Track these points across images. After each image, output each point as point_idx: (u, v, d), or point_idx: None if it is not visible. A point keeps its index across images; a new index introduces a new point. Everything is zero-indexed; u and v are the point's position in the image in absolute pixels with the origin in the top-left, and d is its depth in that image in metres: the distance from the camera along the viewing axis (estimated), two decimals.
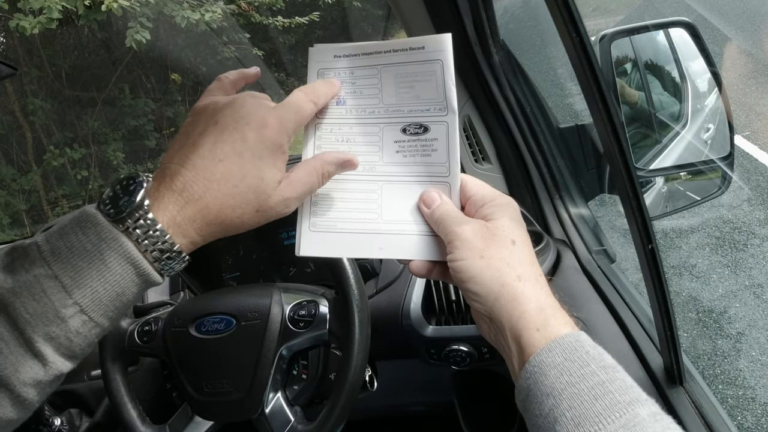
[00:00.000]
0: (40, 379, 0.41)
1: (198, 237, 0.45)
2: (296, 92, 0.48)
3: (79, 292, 0.41)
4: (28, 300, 0.40)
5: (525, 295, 0.43)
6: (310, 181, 0.47)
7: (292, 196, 0.46)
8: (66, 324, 0.41)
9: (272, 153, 0.45)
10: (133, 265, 0.42)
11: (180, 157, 0.44)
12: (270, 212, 0.46)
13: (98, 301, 0.42)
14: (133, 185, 0.43)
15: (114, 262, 0.41)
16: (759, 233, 2.85)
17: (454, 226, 0.45)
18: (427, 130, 0.49)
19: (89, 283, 0.41)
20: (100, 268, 0.41)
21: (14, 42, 5.64)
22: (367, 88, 0.50)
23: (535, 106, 1.15)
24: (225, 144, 0.44)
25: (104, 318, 0.42)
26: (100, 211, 0.43)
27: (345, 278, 0.77)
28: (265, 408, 0.80)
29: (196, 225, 0.44)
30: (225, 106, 0.46)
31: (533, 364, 0.40)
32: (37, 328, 0.40)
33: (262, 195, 0.45)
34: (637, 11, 7.17)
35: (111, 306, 0.42)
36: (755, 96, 4.14)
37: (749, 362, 2.17)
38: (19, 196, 5.66)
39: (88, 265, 0.41)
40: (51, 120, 5.83)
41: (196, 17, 5.47)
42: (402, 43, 0.49)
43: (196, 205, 0.43)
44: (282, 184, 0.46)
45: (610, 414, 0.36)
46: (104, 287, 0.41)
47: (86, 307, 0.41)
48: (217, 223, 0.44)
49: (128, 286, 0.42)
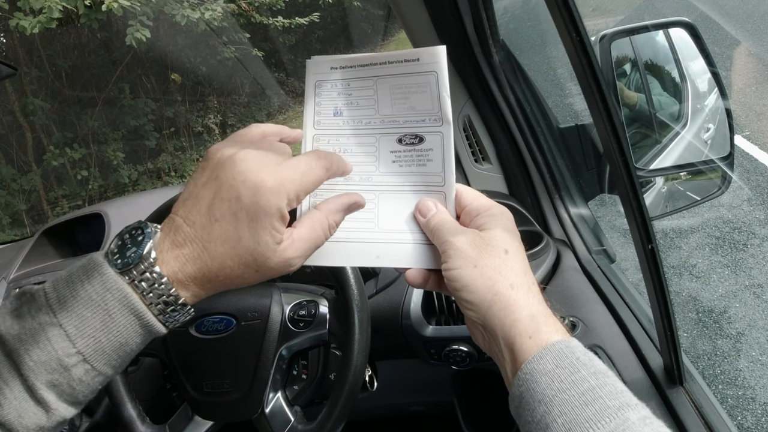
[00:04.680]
0: (42, 425, 0.42)
1: (201, 291, 0.44)
2: (310, 154, 0.45)
3: (83, 342, 0.41)
4: (33, 347, 0.41)
5: (517, 303, 0.43)
6: (315, 236, 0.45)
7: (296, 256, 0.44)
8: (69, 372, 0.41)
9: (268, 216, 0.41)
10: (137, 316, 0.42)
11: (184, 210, 0.43)
12: (272, 272, 0.44)
13: (101, 351, 0.42)
14: (141, 236, 0.43)
15: (118, 314, 0.42)
16: (759, 233, 2.85)
17: (448, 235, 0.46)
18: (423, 140, 0.50)
19: (93, 333, 0.41)
20: (105, 319, 0.41)
21: (14, 42, 5.64)
22: (364, 99, 0.51)
23: (535, 106, 1.15)
24: (222, 202, 0.42)
25: (107, 367, 0.43)
26: (107, 260, 0.42)
27: (345, 278, 0.78)
28: (265, 408, 0.80)
29: (198, 282, 0.43)
30: (228, 158, 0.43)
31: (525, 371, 0.40)
32: (40, 376, 0.41)
33: (260, 258, 0.42)
34: (637, 11, 7.17)
35: (114, 356, 0.43)
36: (755, 96, 4.14)
37: (749, 362, 2.17)
38: (19, 196, 5.66)
39: (92, 315, 0.41)
40: (51, 120, 5.83)
41: (196, 16, 5.48)
42: (397, 55, 0.50)
43: (196, 264, 0.42)
44: (283, 244, 0.43)
45: (600, 419, 0.36)
46: (107, 338, 0.42)
47: (89, 357, 0.41)
48: (219, 281, 0.43)
49: (132, 336, 0.43)
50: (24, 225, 5.62)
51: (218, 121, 6.94)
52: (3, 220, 5.51)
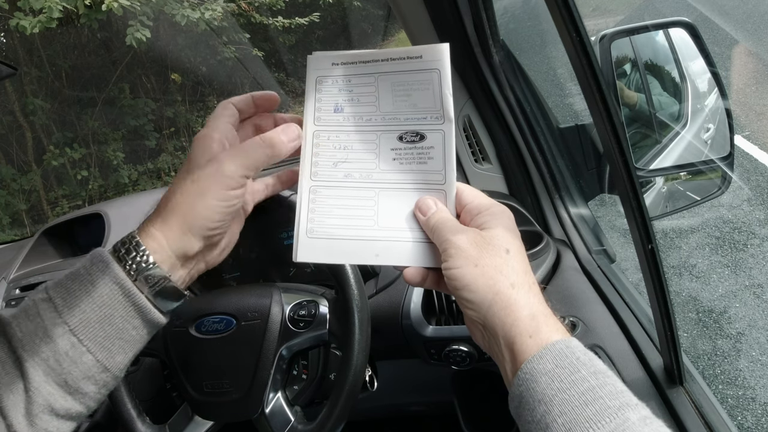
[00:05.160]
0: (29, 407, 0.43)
1: (163, 236, 0.47)
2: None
3: (69, 313, 0.43)
4: (23, 320, 0.43)
5: (518, 302, 0.43)
6: (249, 146, 0.50)
7: (228, 160, 0.48)
8: (55, 344, 0.43)
9: (197, 139, 0.51)
10: (120, 285, 0.44)
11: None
12: (203, 176, 0.48)
13: (86, 322, 0.43)
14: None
15: (101, 283, 0.44)
16: (759, 233, 2.85)
17: (449, 234, 0.46)
18: (424, 138, 0.50)
19: (78, 304, 0.43)
20: (89, 289, 0.44)
21: (14, 42, 5.64)
22: (365, 96, 0.51)
23: (535, 106, 1.15)
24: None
25: (93, 343, 0.44)
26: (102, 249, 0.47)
27: (345, 278, 0.77)
28: (265, 408, 0.80)
29: (158, 224, 0.47)
30: None
31: (525, 371, 0.40)
32: (27, 346, 0.42)
33: (192, 163, 0.48)
34: (637, 11, 7.17)
35: (100, 331, 0.44)
36: (755, 96, 4.14)
37: (749, 362, 2.17)
38: (19, 196, 5.66)
39: (79, 287, 0.44)
40: (51, 120, 5.83)
41: (196, 16, 5.48)
42: (399, 52, 0.49)
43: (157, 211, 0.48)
44: (215, 153, 0.49)
45: (600, 419, 0.36)
46: (92, 308, 0.43)
47: (75, 328, 0.43)
48: (168, 210, 0.48)
49: (116, 308, 0.44)
50: (24, 225, 5.62)
51: None
52: (3, 220, 5.51)
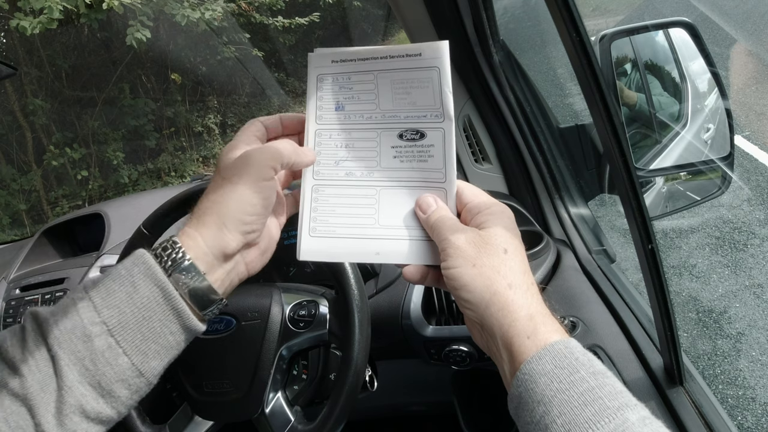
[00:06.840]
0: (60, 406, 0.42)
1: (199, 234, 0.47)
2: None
3: (107, 312, 0.43)
4: (62, 318, 0.43)
5: (516, 303, 0.43)
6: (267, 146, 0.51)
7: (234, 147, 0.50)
8: (92, 343, 0.42)
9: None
10: (159, 286, 0.44)
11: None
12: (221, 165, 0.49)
13: (125, 324, 0.43)
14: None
15: (142, 284, 0.44)
16: (759, 233, 2.85)
17: (448, 233, 0.46)
18: (424, 136, 0.50)
19: (117, 304, 0.43)
20: (129, 290, 0.44)
21: (14, 42, 5.64)
22: (364, 94, 0.51)
23: (535, 106, 1.15)
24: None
25: (130, 345, 0.43)
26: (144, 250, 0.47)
27: (345, 278, 0.77)
28: (265, 408, 0.80)
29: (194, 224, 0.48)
30: None
31: (524, 372, 0.40)
32: (63, 345, 0.42)
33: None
34: (637, 11, 7.17)
35: (138, 333, 0.44)
36: (755, 96, 4.14)
37: (749, 362, 2.17)
38: (19, 196, 5.66)
39: (119, 287, 0.44)
40: (51, 120, 5.83)
41: (196, 16, 5.48)
42: (399, 50, 0.49)
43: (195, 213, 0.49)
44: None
45: (599, 419, 0.36)
46: (131, 309, 0.43)
47: (113, 328, 0.43)
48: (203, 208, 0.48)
49: (155, 310, 0.44)
50: (24, 225, 5.62)
51: (218, 121, 6.94)
52: (3, 220, 5.51)
